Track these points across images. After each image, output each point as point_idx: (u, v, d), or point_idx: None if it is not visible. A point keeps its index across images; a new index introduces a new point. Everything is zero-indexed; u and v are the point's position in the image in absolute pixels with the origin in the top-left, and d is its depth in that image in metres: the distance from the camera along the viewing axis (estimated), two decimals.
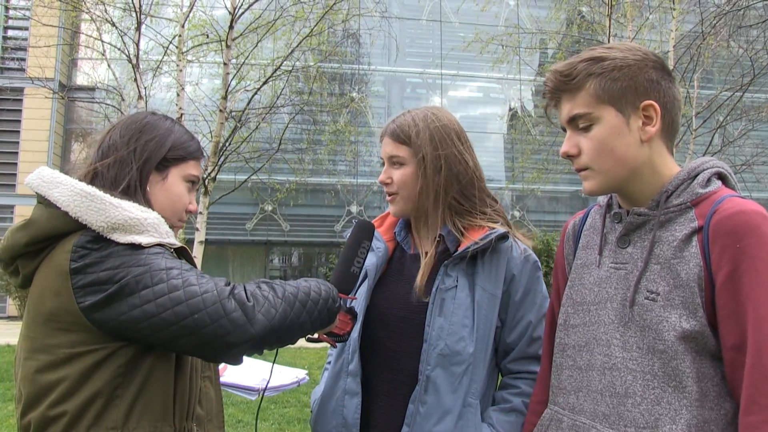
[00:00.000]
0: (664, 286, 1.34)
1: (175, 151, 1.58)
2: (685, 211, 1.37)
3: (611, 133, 1.40)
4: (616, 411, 1.37)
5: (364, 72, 18.33)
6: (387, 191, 1.87)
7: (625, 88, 1.39)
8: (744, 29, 9.40)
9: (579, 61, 1.43)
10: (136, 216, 1.38)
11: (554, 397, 1.55)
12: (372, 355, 1.81)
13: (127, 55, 8.96)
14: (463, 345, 1.72)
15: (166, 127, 1.60)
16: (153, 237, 1.39)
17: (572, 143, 1.45)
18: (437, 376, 1.71)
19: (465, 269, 1.78)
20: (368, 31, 12.05)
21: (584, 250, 1.57)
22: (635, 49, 1.43)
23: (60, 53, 15.61)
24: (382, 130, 1.90)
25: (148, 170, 1.54)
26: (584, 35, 12.28)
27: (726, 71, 11.47)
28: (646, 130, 1.40)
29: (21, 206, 17.47)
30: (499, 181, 19.90)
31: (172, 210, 1.59)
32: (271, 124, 11.72)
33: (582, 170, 1.46)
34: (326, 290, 1.50)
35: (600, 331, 1.44)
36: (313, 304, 1.45)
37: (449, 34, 19.01)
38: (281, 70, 9.77)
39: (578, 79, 1.41)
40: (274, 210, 18.59)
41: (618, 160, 1.41)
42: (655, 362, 1.33)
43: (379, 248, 1.90)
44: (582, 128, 1.43)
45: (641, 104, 1.40)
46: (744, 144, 12.43)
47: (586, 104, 1.41)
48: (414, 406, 1.72)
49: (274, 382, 1.90)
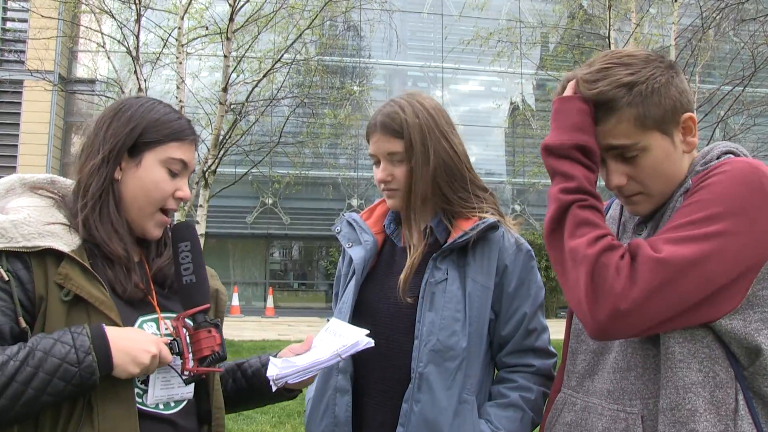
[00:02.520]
0: None
1: (149, 133, 1.45)
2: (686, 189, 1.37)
3: (662, 156, 1.36)
4: (620, 386, 1.36)
5: (365, 65, 18.30)
6: (388, 188, 1.78)
7: (667, 110, 1.34)
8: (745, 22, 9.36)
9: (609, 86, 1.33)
10: None
11: (568, 381, 1.53)
12: (363, 352, 1.72)
13: (127, 47, 8.94)
14: (455, 340, 1.66)
15: (143, 109, 1.48)
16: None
17: (620, 174, 1.38)
18: (430, 372, 1.65)
19: (455, 261, 1.73)
20: (368, 22, 12.01)
21: None
22: (653, 58, 1.39)
23: (59, 45, 15.57)
24: (370, 125, 1.81)
25: (115, 157, 1.44)
26: (585, 29, 12.24)
27: (727, 65, 11.44)
28: (688, 142, 1.39)
29: None
30: (500, 175, 19.89)
31: (147, 198, 1.46)
32: (271, 116, 11.70)
33: (633, 195, 1.41)
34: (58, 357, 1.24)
35: None
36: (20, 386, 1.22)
37: (450, 27, 18.97)
38: (281, 62, 9.75)
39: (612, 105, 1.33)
40: (274, 203, 18.59)
41: (669, 179, 1.38)
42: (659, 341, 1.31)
43: (368, 241, 1.84)
44: (628, 159, 1.37)
45: (681, 119, 1.37)
46: (745, 138, 12.41)
47: (630, 134, 1.34)
48: (408, 405, 1.66)
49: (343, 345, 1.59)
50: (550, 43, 14.59)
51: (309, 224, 19.05)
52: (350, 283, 1.82)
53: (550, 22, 12.78)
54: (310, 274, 21.63)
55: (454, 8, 18.93)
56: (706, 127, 10.96)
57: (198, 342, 1.42)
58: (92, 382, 1.27)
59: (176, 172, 1.49)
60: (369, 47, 17.64)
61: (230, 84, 9.25)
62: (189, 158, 1.51)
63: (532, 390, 1.73)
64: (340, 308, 1.82)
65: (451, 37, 18.25)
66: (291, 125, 13.31)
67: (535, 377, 1.74)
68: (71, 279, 1.33)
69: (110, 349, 1.29)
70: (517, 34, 12.42)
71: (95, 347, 1.27)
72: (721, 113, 10.66)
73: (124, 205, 1.46)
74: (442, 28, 19.44)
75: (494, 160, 20.30)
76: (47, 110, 17.73)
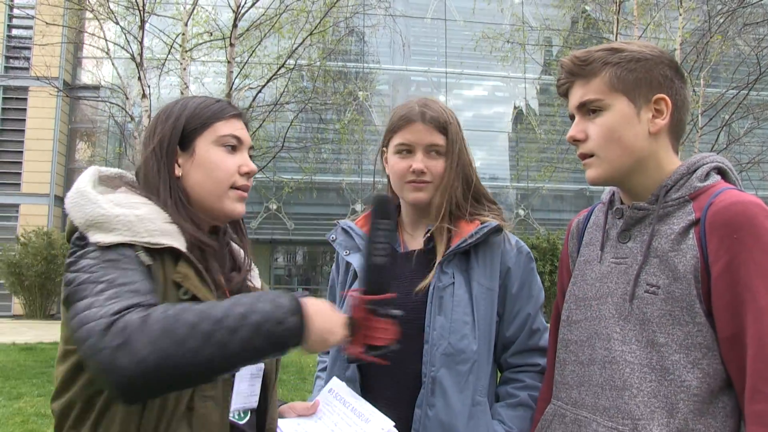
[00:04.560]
0: (664, 279, 1.35)
1: (192, 122, 1.46)
2: (684, 204, 1.39)
3: (621, 121, 1.41)
4: (615, 404, 1.37)
5: (369, 70, 18.32)
6: (420, 179, 1.77)
7: (640, 80, 1.41)
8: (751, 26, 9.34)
9: (597, 49, 1.44)
10: (106, 213, 1.30)
11: (557, 393, 1.55)
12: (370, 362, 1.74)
13: (131, 54, 8.96)
14: (466, 343, 1.68)
15: (180, 105, 1.49)
16: (120, 236, 1.28)
17: (580, 128, 1.46)
18: (443, 376, 1.65)
19: (459, 265, 1.74)
20: (373, 27, 12.02)
21: (587, 247, 1.58)
22: (652, 46, 1.46)
23: (64, 52, 15.64)
24: (408, 114, 1.79)
25: (169, 157, 1.44)
26: (590, 33, 12.23)
27: (732, 69, 11.42)
28: (655, 122, 1.42)
29: (26, 205, 17.52)
30: (504, 180, 19.87)
31: (214, 181, 1.44)
32: (275, 121, 11.70)
33: (587, 157, 1.46)
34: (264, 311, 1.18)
35: (601, 326, 1.44)
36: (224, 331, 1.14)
37: (454, 32, 18.98)
38: (285, 68, 9.76)
39: (594, 66, 1.43)
40: (278, 209, 18.59)
41: (624, 148, 1.42)
42: (653, 355, 1.34)
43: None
44: (592, 114, 1.44)
45: (654, 97, 1.41)
46: (750, 142, 12.37)
47: (599, 91, 1.42)
48: (421, 411, 1.66)
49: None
50: (554, 46, 14.60)
51: (313, 230, 19.04)
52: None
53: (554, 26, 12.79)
54: (314, 279, 21.61)
55: (457, 13, 18.95)
56: (711, 131, 10.93)
57: (375, 330, 1.37)
58: (290, 345, 1.22)
59: (232, 148, 1.47)
60: (372, 52, 17.65)
61: (234, 90, 9.26)
62: (240, 133, 1.49)
63: (539, 388, 1.74)
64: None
65: (455, 42, 18.27)
66: (294, 130, 13.32)
67: (541, 376, 1.76)
68: (189, 279, 1.32)
69: (308, 320, 1.24)
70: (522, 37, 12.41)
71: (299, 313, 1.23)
72: (726, 117, 10.62)
73: (195, 197, 1.45)
74: (446, 33, 19.46)
75: (498, 164, 20.28)
76: (52, 116, 17.80)
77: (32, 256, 15.47)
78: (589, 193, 19.51)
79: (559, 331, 1.59)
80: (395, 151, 1.80)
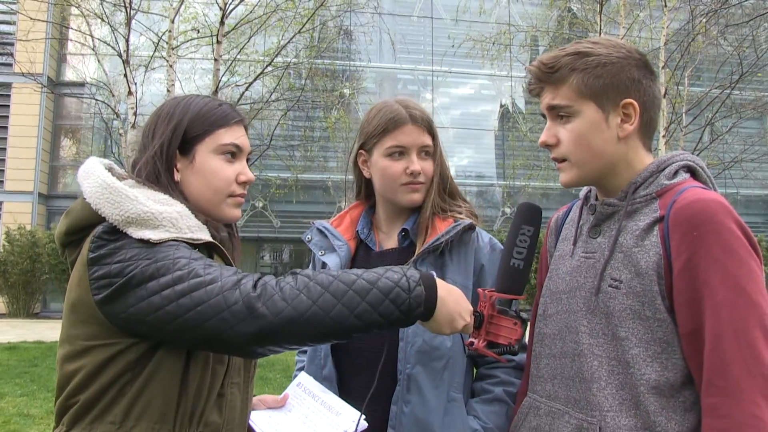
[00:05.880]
0: (626, 274, 1.38)
1: (194, 127, 1.46)
2: (650, 201, 1.41)
3: (590, 127, 1.43)
4: (584, 396, 1.40)
5: (356, 68, 18.31)
6: (417, 181, 1.80)
7: (607, 86, 1.42)
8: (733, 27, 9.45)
9: (564, 54, 1.45)
10: (150, 210, 1.33)
11: (533, 386, 1.58)
12: (346, 358, 1.75)
13: (117, 51, 8.90)
14: (440, 340, 1.70)
15: (182, 107, 1.49)
16: (168, 232, 1.32)
17: (551, 133, 1.48)
18: (418, 373, 1.68)
19: (434, 263, 1.76)
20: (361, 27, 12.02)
21: (563, 242, 1.62)
22: (620, 46, 1.46)
23: (49, 48, 15.48)
24: (398, 117, 1.80)
25: (169, 160, 1.45)
26: (575, 32, 12.31)
27: (715, 69, 11.54)
28: (624, 128, 1.43)
29: (9, 203, 17.33)
30: (491, 178, 19.93)
31: (212, 190, 1.47)
32: (262, 120, 11.67)
33: (559, 161, 1.49)
34: (392, 281, 1.28)
35: (571, 319, 1.47)
36: (356, 296, 1.25)
37: (441, 30, 19.00)
38: (273, 65, 9.74)
39: (561, 73, 1.43)
40: (264, 206, 18.54)
41: (594, 154, 1.44)
42: (618, 348, 1.37)
43: (341, 247, 1.86)
44: (562, 119, 1.46)
45: (621, 102, 1.43)
46: (733, 141, 12.51)
47: (567, 97, 1.43)
48: (397, 407, 1.68)
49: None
50: (540, 46, 14.66)
51: (299, 227, 19.00)
52: None
53: (540, 26, 12.85)
54: None
55: (444, 12, 18.97)
56: (695, 129, 11.05)
57: (499, 327, 1.43)
58: (416, 316, 1.29)
59: (232, 157, 1.50)
60: (359, 50, 17.64)
61: (221, 87, 9.23)
62: (240, 140, 1.51)
63: (513, 384, 1.77)
64: None
65: (442, 41, 18.29)
66: (281, 128, 13.29)
67: (516, 371, 1.79)
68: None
69: (437, 297, 1.32)
70: (508, 37, 12.46)
71: (425, 286, 1.30)
72: (709, 116, 10.74)
73: (192, 202, 1.46)
74: (432, 32, 19.49)
75: (484, 163, 20.34)
76: (36, 113, 17.60)
77: (17, 254, 15.32)
78: (574, 191, 19.62)
79: (535, 325, 1.62)
80: (387, 153, 1.80)
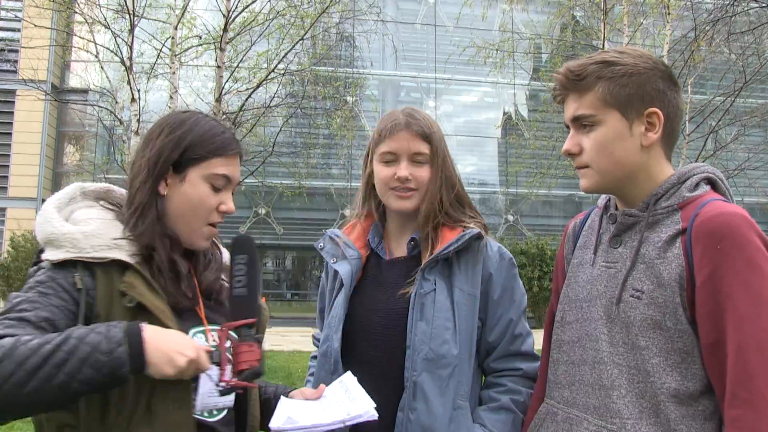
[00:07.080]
0: (648, 285, 1.39)
1: (193, 150, 1.50)
2: (672, 213, 1.42)
3: (613, 136, 1.44)
4: (604, 403, 1.42)
5: (358, 75, 18.37)
6: (405, 187, 1.81)
7: (633, 95, 1.43)
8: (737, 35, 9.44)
9: (591, 63, 1.46)
10: (54, 230, 1.41)
11: (550, 392, 1.60)
12: (355, 366, 1.75)
13: (120, 58, 8.92)
14: (447, 348, 1.70)
15: (188, 125, 1.52)
16: (67, 252, 1.38)
17: (574, 142, 1.50)
18: (424, 381, 1.69)
19: (441, 272, 1.77)
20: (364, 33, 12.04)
21: (581, 250, 1.62)
22: (646, 56, 1.48)
23: (52, 55, 15.54)
24: (393, 124, 1.83)
25: (159, 173, 1.49)
26: (578, 40, 12.31)
27: (719, 77, 11.53)
28: (647, 137, 1.45)
29: (13, 209, 17.38)
30: (494, 186, 19.93)
31: (192, 214, 1.52)
32: (265, 126, 11.68)
33: (581, 168, 1.50)
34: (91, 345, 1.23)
35: (591, 327, 1.49)
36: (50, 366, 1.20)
37: (444, 38, 19.05)
38: (276, 72, 9.75)
39: (588, 81, 1.45)
40: (267, 213, 18.55)
41: (616, 162, 1.45)
42: (638, 357, 1.38)
43: (353, 256, 1.87)
44: (585, 128, 1.47)
45: (646, 111, 1.44)
46: (737, 149, 12.48)
47: (592, 106, 1.45)
48: (403, 414, 1.69)
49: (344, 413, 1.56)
50: (543, 53, 14.65)
51: (302, 234, 19.01)
52: (338, 297, 1.85)
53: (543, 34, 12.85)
54: (303, 284, 21.58)
55: (447, 19, 19.02)
56: (699, 137, 11.02)
57: (238, 355, 1.42)
58: (122, 375, 1.26)
59: (220, 187, 1.54)
60: (362, 57, 17.68)
61: (223, 94, 9.24)
62: (232, 173, 1.56)
63: (521, 393, 1.78)
64: (330, 322, 1.84)
65: (444, 48, 18.33)
66: (284, 135, 13.30)
67: (523, 380, 1.80)
68: (135, 287, 1.39)
69: (144, 345, 1.28)
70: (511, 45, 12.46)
71: (129, 341, 1.27)
72: (713, 124, 10.72)
73: (171, 219, 1.51)
74: (435, 39, 19.53)
75: (487, 170, 20.35)
76: (40, 120, 17.69)
77: (22, 260, 15.37)
78: (578, 198, 19.62)
79: (552, 331, 1.63)
80: (381, 159, 1.84)
